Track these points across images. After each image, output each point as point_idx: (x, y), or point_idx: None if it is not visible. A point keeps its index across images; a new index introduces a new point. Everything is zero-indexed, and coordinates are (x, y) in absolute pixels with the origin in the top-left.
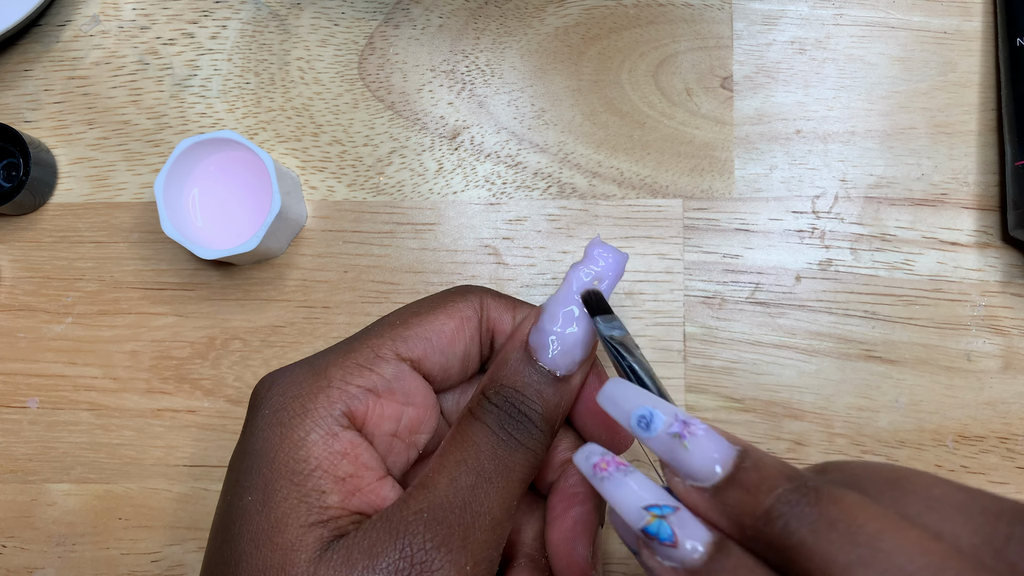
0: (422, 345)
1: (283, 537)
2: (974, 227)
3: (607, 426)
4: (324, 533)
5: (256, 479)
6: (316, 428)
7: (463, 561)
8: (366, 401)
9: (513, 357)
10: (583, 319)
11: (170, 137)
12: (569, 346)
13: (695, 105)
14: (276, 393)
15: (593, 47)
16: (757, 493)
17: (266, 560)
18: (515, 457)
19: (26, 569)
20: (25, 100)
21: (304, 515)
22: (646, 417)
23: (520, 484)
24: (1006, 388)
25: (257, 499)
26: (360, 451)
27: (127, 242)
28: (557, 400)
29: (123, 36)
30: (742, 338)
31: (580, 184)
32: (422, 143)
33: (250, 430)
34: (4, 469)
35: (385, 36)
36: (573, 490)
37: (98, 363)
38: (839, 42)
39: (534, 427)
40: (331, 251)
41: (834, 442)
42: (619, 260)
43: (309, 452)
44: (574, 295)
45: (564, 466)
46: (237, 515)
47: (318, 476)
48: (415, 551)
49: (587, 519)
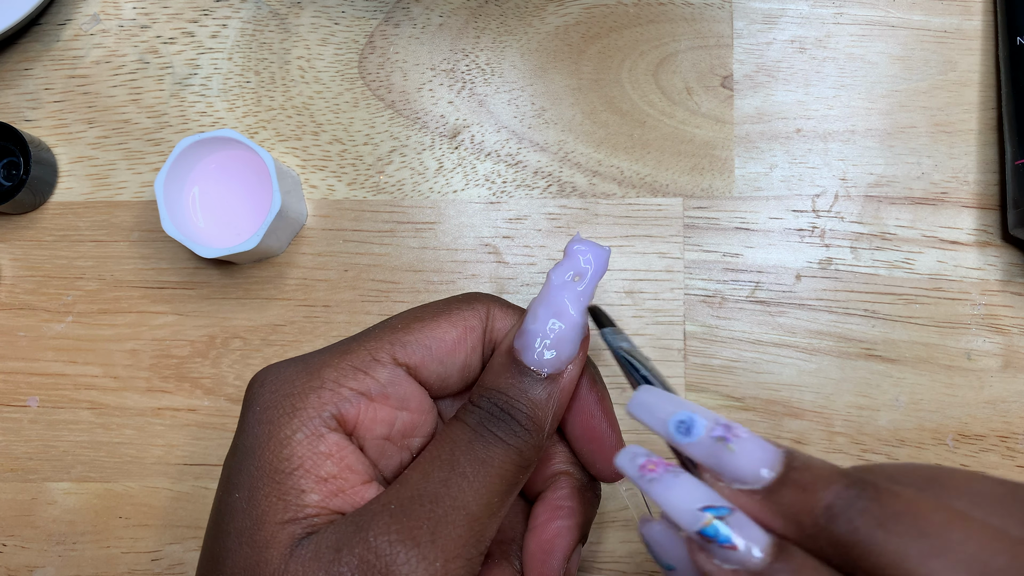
0: (420, 352)
1: (260, 534)
2: (974, 226)
3: (593, 439)
4: (297, 530)
5: (243, 476)
6: (303, 428)
7: (433, 555)
8: (358, 404)
9: (497, 361)
10: (566, 317)
11: (170, 136)
12: (552, 344)
13: (695, 104)
14: (268, 390)
15: (593, 46)
16: (814, 491)
17: (246, 557)
18: (493, 452)
19: (26, 568)
20: (25, 99)
21: (281, 512)
22: (686, 422)
23: (501, 480)
24: (1006, 387)
25: (243, 496)
26: (346, 453)
27: (127, 241)
28: (545, 399)
29: (123, 35)
30: (742, 337)
31: (580, 183)
32: (422, 142)
33: (241, 426)
34: (4, 468)
35: (385, 35)
36: (559, 503)
37: (98, 362)
38: (839, 41)
39: (517, 425)
40: (331, 250)
41: (834, 441)
42: (599, 255)
43: (293, 451)
44: (554, 295)
45: (555, 478)
46: (225, 511)
47: (299, 475)
48: (379, 543)
49: (567, 534)
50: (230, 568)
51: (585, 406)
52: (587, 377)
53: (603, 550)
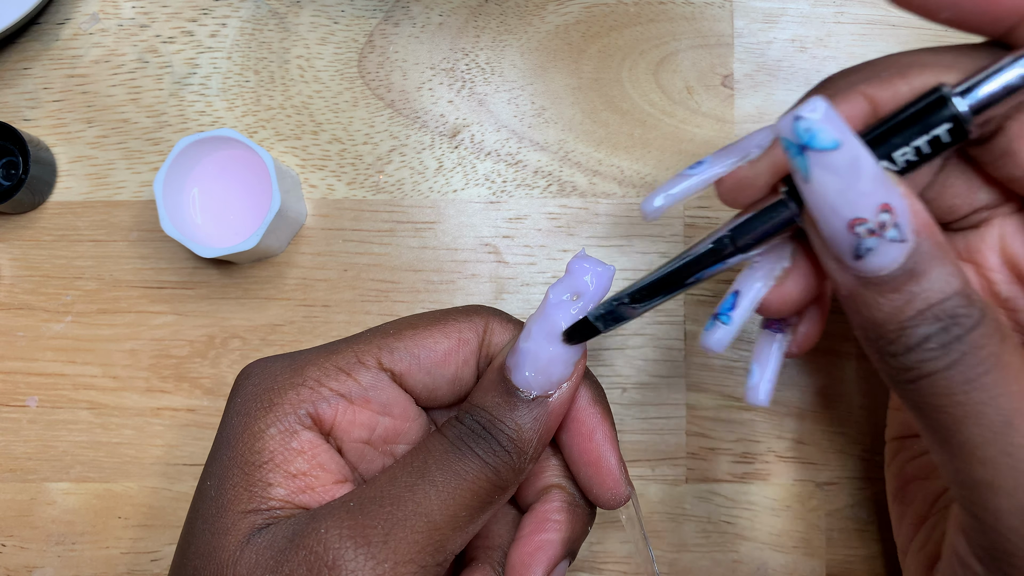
0: (407, 359)
1: (222, 521)
2: None
3: (590, 463)
4: (258, 520)
5: (216, 466)
6: (277, 423)
7: (382, 556)
8: (336, 405)
9: (488, 378)
10: (560, 338)
11: (169, 135)
12: (543, 366)
13: (696, 103)
14: (251, 383)
15: (594, 45)
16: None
17: (207, 542)
18: (467, 466)
19: (25, 568)
20: (24, 98)
21: (245, 502)
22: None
23: (473, 495)
24: None
25: (214, 484)
26: (318, 452)
27: (126, 240)
28: (531, 422)
29: (122, 34)
30: (743, 336)
31: (580, 182)
32: (422, 141)
33: (224, 416)
34: (3, 468)
35: (385, 34)
36: (547, 515)
37: (97, 362)
38: (840, 40)
39: (498, 445)
40: (331, 249)
41: (835, 441)
42: (601, 275)
43: (265, 445)
44: (550, 313)
45: (548, 490)
46: (197, 497)
47: (268, 469)
48: (330, 537)
49: (550, 548)
50: (193, 551)
51: (584, 427)
52: (587, 397)
53: (603, 550)
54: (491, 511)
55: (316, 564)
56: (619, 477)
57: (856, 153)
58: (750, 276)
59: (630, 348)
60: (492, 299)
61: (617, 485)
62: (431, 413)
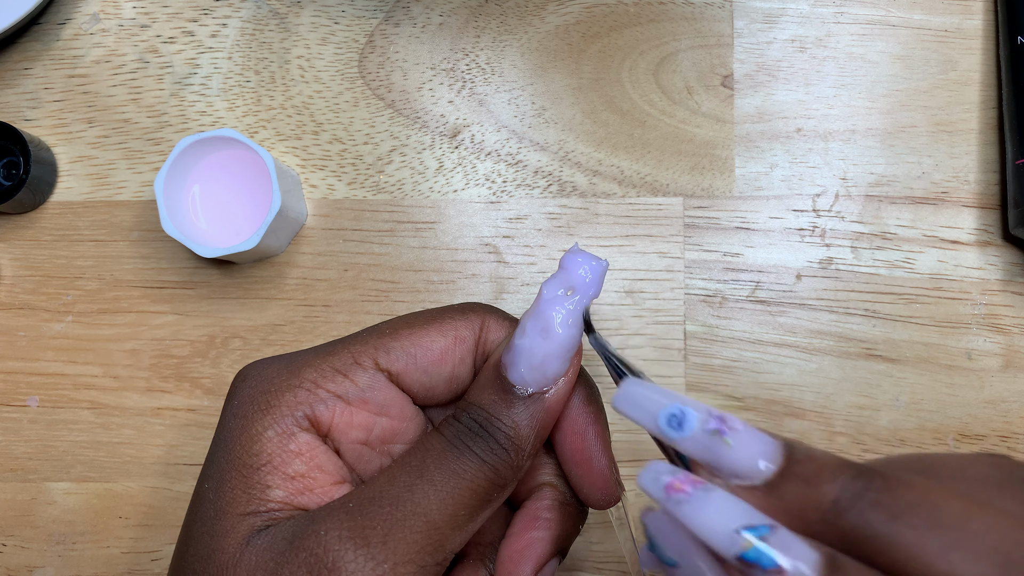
0: (404, 359)
1: (221, 523)
2: (975, 225)
3: (582, 462)
4: (257, 522)
5: (214, 468)
6: (274, 425)
7: (382, 557)
8: (333, 407)
9: (484, 375)
10: (554, 333)
11: (170, 135)
12: (539, 362)
13: (696, 103)
14: (248, 386)
15: (593, 45)
16: (818, 484)
17: (206, 544)
18: (465, 465)
19: (26, 568)
20: (25, 98)
21: (243, 505)
22: (677, 416)
23: (471, 494)
24: (1007, 386)
25: (212, 487)
26: (316, 453)
27: (127, 240)
28: (527, 419)
29: (123, 34)
30: (743, 336)
31: (580, 182)
32: (422, 141)
33: (221, 419)
34: (4, 468)
35: (385, 34)
36: (539, 514)
37: (98, 362)
38: (840, 40)
39: (495, 443)
40: (331, 249)
41: (835, 440)
42: (594, 269)
43: (262, 447)
44: (544, 309)
45: (540, 488)
46: (195, 500)
47: (266, 471)
48: (329, 539)
49: (541, 546)
50: (192, 553)
51: (576, 426)
52: (580, 395)
53: (603, 550)
54: (490, 509)
55: (316, 566)
56: (609, 478)
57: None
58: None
59: (630, 348)
60: (492, 299)
61: (607, 486)
62: (428, 411)
